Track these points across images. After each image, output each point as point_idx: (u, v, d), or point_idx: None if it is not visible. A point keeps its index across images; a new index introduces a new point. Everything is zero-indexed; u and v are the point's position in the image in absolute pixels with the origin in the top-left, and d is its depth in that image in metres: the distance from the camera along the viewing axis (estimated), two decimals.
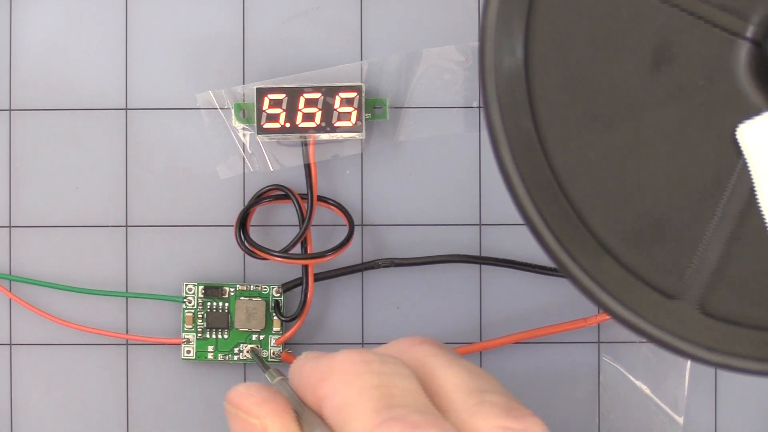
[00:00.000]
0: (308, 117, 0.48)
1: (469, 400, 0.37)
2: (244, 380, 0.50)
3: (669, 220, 0.37)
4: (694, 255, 0.37)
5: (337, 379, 0.36)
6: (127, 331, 0.50)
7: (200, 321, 0.49)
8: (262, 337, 0.49)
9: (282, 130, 0.48)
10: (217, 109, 0.49)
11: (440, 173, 0.49)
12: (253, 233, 0.49)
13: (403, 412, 0.35)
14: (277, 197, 0.49)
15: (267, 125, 0.48)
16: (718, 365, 0.37)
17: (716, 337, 0.37)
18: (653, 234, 0.37)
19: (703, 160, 0.37)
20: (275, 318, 0.49)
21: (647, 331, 0.37)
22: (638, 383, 0.49)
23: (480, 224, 0.49)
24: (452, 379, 0.37)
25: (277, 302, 0.49)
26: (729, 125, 0.37)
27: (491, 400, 0.37)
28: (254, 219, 0.49)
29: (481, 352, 0.49)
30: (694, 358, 0.37)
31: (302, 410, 0.37)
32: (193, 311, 0.49)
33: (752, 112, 0.37)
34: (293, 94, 0.48)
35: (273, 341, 0.49)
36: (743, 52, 0.37)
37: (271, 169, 0.49)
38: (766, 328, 0.37)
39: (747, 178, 0.37)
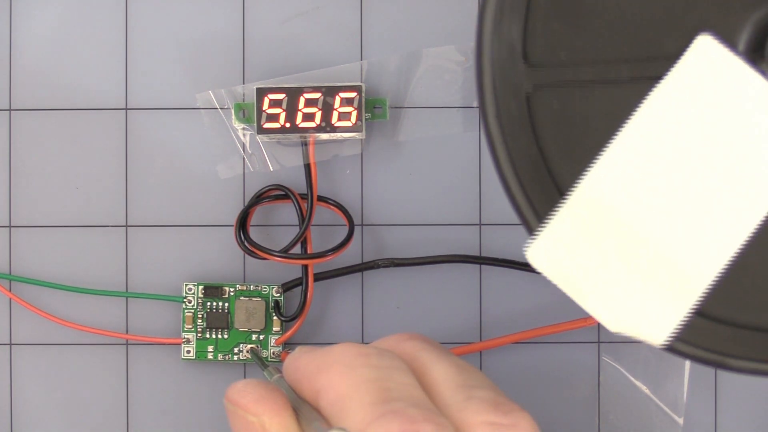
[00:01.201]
0: (308, 117, 0.48)
1: (458, 395, 0.37)
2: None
3: None
4: None
5: (334, 372, 0.36)
6: (127, 331, 0.50)
7: (200, 321, 0.49)
8: (262, 337, 0.49)
9: (282, 130, 0.48)
10: (217, 109, 0.49)
11: (440, 173, 0.49)
12: (253, 233, 0.49)
13: (401, 406, 0.35)
14: (277, 197, 0.49)
15: (267, 125, 0.48)
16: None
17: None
18: None
19: None
20: (275, 318, 0.49)
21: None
22: (638, 383, 0.49)
23: (480, 224, 0.49)
24: (441, 374, 0.37)
25: (277, 302, 0.49)
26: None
27: (479, 395, 0.37)
28: (254, 219, 0.49)
29: (481, 352, 0.49)
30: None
31: (300, 406, 0.37)
32: (193, 311, 0.49)
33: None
34: (293, 94, 0.48)
35: (273, 341, 0.49)
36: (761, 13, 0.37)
37: (271, 169, 0.49)
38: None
39: None
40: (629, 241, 0.35)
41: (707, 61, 0.36)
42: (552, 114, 0.37)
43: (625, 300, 0.35)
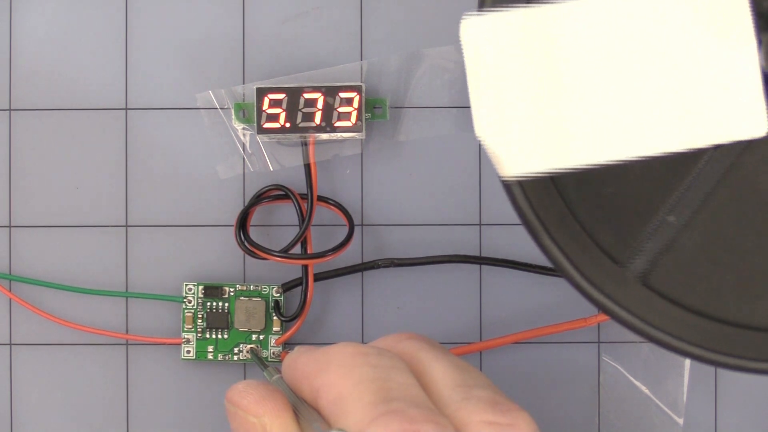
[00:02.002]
0: (308, 117, 0.48)
1: (457, 394, 0.37)
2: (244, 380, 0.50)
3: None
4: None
5: (333, 371, 0.36)
6: (127, 331, 0.50)
7: (200, 321, 0.49)
8: (261, 337, 0.49)
9: (282, 130, 0.48)
10: (217, 109, 0.49)
11: (440, 173, 0.49)
12: (253, 233, 0.49)
13: (401, 406, 0.35)
14: (277, 197, 0.49)
15: (267, 125, 0.48)
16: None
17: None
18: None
19: None
20: (275, 318, 0.49)
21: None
22: (638, 383, 0.49)
23: (480, 224, 0.49)
24: (440, 373, 0.37)
25: (277, 302, 0.49)
26: None
27: (478, 395, 0.37)
28: (254, 219, 0.49)
29: (481, 352, 0.49)
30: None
31: (300, 406, 0.37)
32: (193, 311, 0.49)
33: None
34: (293, 94, 0.48)
35: (273, 341, 0.49)
36: None
37: (271, 169, 0.49)
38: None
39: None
40: (549, 77, 0.36)
41: None
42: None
43: (508, 116, 0.36)
